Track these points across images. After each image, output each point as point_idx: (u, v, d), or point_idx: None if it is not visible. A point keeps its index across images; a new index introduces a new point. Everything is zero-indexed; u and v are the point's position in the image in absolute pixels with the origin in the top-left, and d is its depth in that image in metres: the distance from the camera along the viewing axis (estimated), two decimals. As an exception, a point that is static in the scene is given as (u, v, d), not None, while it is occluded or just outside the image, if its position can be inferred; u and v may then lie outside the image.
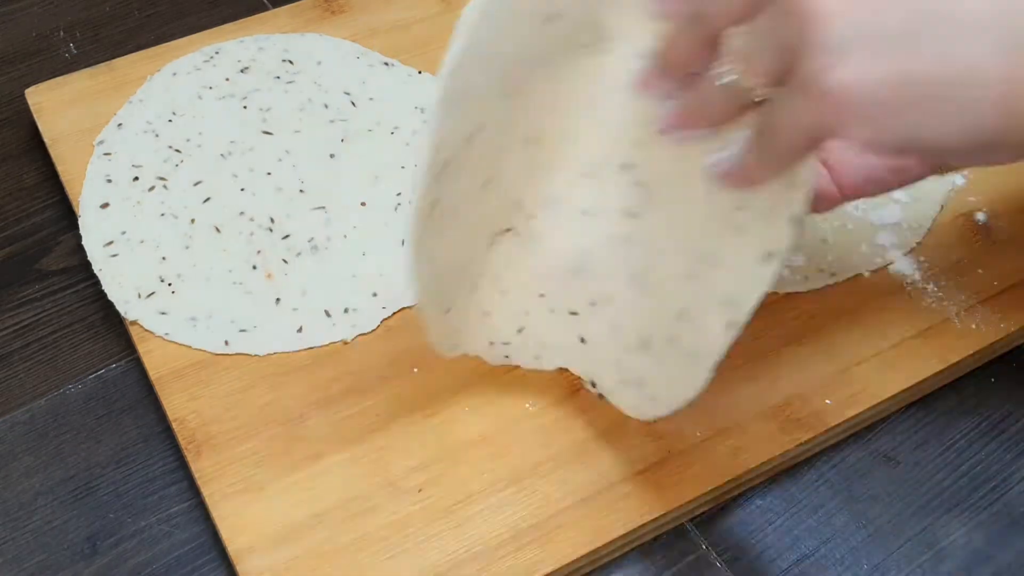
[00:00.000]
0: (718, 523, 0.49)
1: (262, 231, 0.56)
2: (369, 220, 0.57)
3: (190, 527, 0.48)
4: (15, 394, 0.52)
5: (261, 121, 0.61)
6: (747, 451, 0.49)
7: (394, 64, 0.64)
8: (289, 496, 0.47)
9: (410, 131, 0.61)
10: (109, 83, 0.63)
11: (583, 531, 0.46)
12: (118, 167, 0.58)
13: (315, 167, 0.59)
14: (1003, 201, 0.59)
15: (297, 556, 0.45)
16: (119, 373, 0.53)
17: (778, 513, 0.49)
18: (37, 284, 0.57)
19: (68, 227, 0.59)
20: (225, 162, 0.59)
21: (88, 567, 0.47)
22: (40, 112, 0.61)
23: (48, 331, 0.55)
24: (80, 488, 0.49)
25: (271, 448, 0.48)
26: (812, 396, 0.50)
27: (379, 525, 0.46)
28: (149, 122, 0.61)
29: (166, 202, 0.57)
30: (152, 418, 0.51)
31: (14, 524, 0.48)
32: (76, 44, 0.68)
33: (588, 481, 0.48)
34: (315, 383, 0.51)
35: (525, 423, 0.49)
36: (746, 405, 0.50)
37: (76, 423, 0.51)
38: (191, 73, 0.63)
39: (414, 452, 0.48)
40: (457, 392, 0.50)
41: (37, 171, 0.62)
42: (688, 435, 0.49)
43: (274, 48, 0.65)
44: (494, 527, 0.46)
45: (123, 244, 0.55)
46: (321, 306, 0.53)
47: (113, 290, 0.53)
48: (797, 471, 0.51)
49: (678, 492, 0.47)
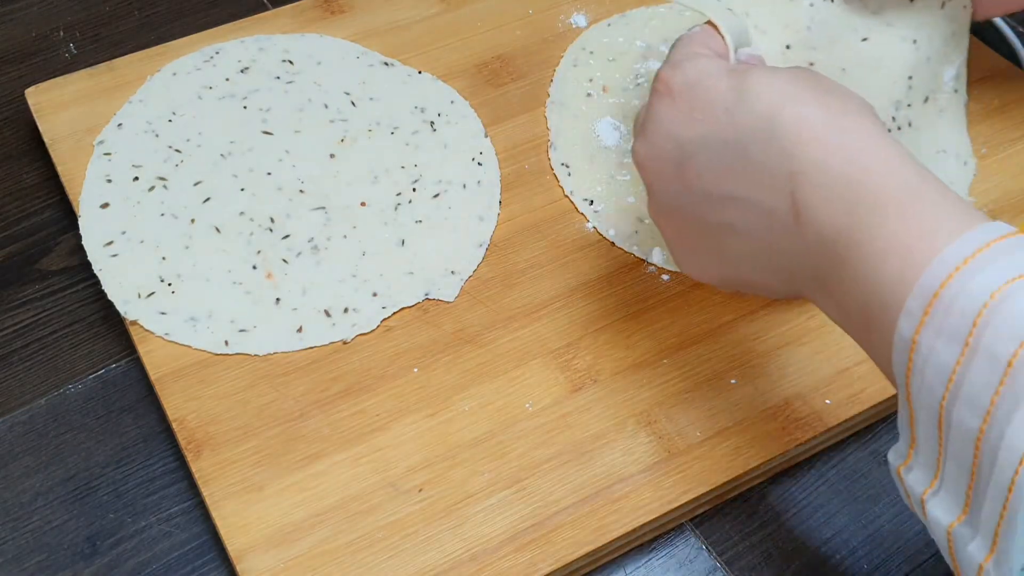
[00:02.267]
0: (718, 523, 0.49)
1: (262, 231, 0.56)
2: (369, 220, 0.57)
3: (190, 527, 0.48)
4: (15, 394, 0.52)
5: (261, 121, 0.61)
6: (747, 451, 0.49)
7: (394, 64, 0.64)
8: (289, 496, 0.47)
9: (410, 131, 0.61)
10: (109, 83, 0.63)
11: (583, 531, 0.46)
12: (118, 167, 0.58)
13: (315, 167, 0.59)
14: (1003, 201, 0.59)
15: (297, 556, 0.45)
16: (119, 373, 0.53)
17: (778, 513, 0.49)
18: (37, 284, 0.57)
19: (68, 227, 0.59)
20: (225, 162, 0.59)
21: (88, 567, 0.47)
22: (40, 112, 0.61)
23: (48, 331, 0.55)
24: (80, 488, 0.49)
25: (271, 448, 0.48)
26: (812, 396, 0.50)
27: (379, 525, 0.46)
28: (149, 122, 0.61)
29: (166, 202, 0.57)
30: (152, 418, 0.51)
31: (14, 524, 0.48)
32: (76, 44, 0.68)
33: (588, 481, 0.48)
34: (315, 383, 0.51)
35: (525, 423, 0.49)
36: (746, 405, 0.50)
37: (76, 423, 0.51)
38: (191, 73, 0.63)
39: (414, 452, 0.48)
40: (457, 392, 0.50)
41: (37, 171, 0.62)
42: (688, 435, 0.49)
43: (274, 48, 0.65)
44: (494, 527, 0.46)
45: (123, 244, 0.55)
46: (321, 306, 0.53)
47: (113, 290, 0.53)
48: (797, 471, 0.51)
49: (678, 492, 0.47)
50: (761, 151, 0.39)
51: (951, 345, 0.33)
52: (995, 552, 0.33)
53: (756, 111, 0.39)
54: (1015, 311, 0.32)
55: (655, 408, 0.50)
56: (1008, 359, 0.32)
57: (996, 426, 0.32)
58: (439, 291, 0.54)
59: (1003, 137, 0.62)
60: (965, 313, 0.33)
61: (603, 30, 0.66)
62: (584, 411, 0.50)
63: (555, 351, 0.52)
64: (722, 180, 0.41)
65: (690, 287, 0.55)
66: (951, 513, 0.35)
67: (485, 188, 0.59)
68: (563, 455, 0.48)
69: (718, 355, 0.52)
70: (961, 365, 0.33)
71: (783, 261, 0.40)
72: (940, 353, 0.33)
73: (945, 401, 0.33)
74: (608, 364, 0.52)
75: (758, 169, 0.39)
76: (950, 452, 0.34)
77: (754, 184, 0.40)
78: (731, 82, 0.41)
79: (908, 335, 0.34)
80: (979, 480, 0.33)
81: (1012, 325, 0.32)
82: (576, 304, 0.54)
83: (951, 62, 0.55)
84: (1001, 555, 0.32)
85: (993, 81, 0.64)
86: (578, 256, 0.55)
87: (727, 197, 0.41)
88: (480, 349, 0.52)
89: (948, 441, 0.34)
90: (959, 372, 0.33)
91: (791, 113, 0.39)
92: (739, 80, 0.41)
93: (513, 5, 0.68)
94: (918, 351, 0.34)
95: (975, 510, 0.34)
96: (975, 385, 0.33)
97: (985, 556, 0.33)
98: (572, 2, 0.68)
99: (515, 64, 0.65)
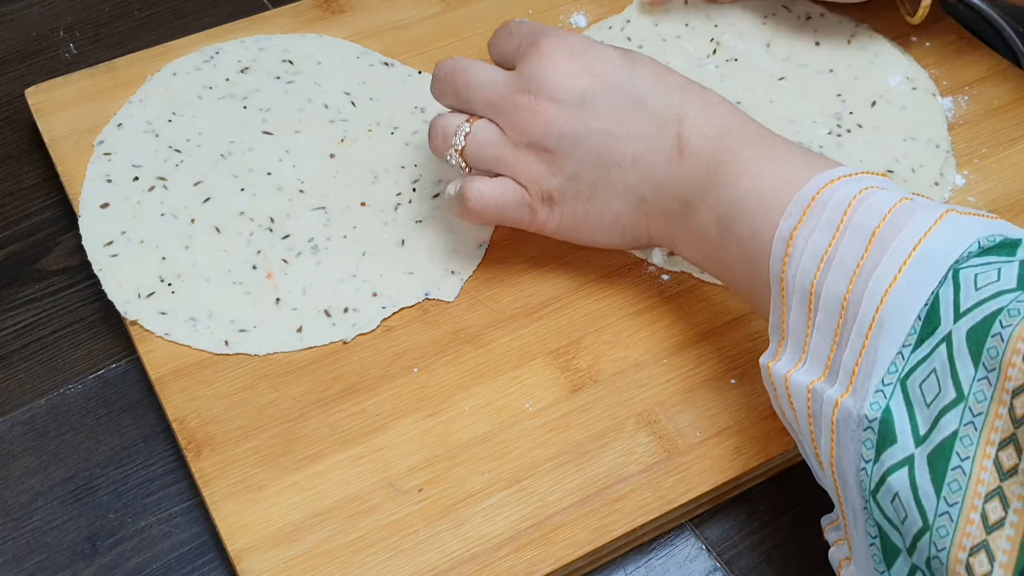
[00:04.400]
0: (718, 523, 0.49)
1: (262, 231, 0.56)
2: (369, 220, 0.57)
3: (190, 527, 0.48)
4: (15, 394, 0.52)
5: (261, 121, 0.61)
6: (747, 451, 0.49)
7: (394, 64, 0.64)
8: (289, 496, 0.47)
9: (410, 131, 0.61)
10: (109, 83, 0.63)
11: (583, 531, 0.46)
12: (118, 167, 0.58)
13: (315, 167, 0.59)
14: (1003, 201, 0.59)
15: (297, 556, 0.45)
16: (119, 373, 0.53)
17: (778, 513, 0.49)
18: (37, 284, 0.57)
19: (68, 227, 0.59)
20: (225, 162, 0.59)
21: (88, 567, 0.47)
22: (40, 112, 0.61)
23: (48, 331, 0.55)
24: (80, 488, 0.49)
25: (271, 448, 0.48)
26: (812, 396, 0.50)
27: (379, 525, 0.46)
28: (149, 122, 0.61)
29: (166, 202, 0.57)
30: (152, 418, 0.51)
31: (14, 524, 0.48)
32: (76, 44, 0.68)
33: (588, 481, 0.48)
34: (315, 383, 0.51)
35: (525, 423, 0.49)
36: (746, 405, 0.50)
37: (76, 423, 0.51)
38: (191, 73, 0.63)
39: (414, 452, 0.48)
40: (457, 392, 0.50)
41: (37, 171, 0.62)
42: (688, 435, 0.49)
43: (274, 48, 0.65)
44: (494, 527, 0.46)
45: (123, 244, 0.55)
46: (321, 306, 0.53)
47: (113, 290, 0.53)
48: (797, 471, 0.51)
49: (678, 492, 0.47)
50: (655, 99, 0.49)
51: (824, 233, 0.41)
52: (852, 386, 0.39)
53: (649, 71, 0.50)
54: (877, 201, 0.41)
55: (655, 408, 0.50)
56: (872, 230, 0.40)
57: (860, 280, 0.40)
58: (439, 291, 0.54)
59: (1003, 137, 0.62)
60: (839, 207, 0.42)
61: (603, 31, 0.66)
62: (584, 411, 0.50)
63: (555, 351, 0.52)
64: (621, 121, 0.49)
65: (690, 287, 0.55)
66: (812, 376, 0.41)
67: (485, 188, 0.58)
68: (563, 455, 0.48)
69: (718, 355, 0.52)
70: (832, 246, 0.41)
71: (655, 192, 0.49)
72: (815, 241, 0.41)
73: (816, 279, 0.41)
74: (608, 364, 0.52)
75: (651, 112, 0.49)
76: (817, 323, 0.41)
77: (647, 124, 0.49)
78: (619, 51, 0.51)
79: (787, 232, 0.42)
80: (841, 338, 0.40)
81: (876, 207, 0.41)
82: (576, 304, 0.54)
83: (892, 72, 0.64)
84: (857, 386, 0.39)
85: (993, 81, 0.64)
86: (578, 256, 0.55)
87: (623, 136, 0.49)
88: (480, 349, 0.52)
89: (816, 314, 0.41)
90: (831, 251, 0.41)
91: (675, 76, 0.50)
92: (625, 50, 0.51)
93: (513, 5, 0.68)
94: (795, 244, 0.42)
95: (835, 365, 0.40)
96: (844, 256, 0.40)
97: (841, 393, 0.39)
98: (572, 2, 0.68)
99: (515, 64, 0.65)
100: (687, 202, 0.48)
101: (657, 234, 0.51)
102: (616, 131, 0.49)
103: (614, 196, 0.50)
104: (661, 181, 0.49)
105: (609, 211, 0.51)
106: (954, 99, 0.63)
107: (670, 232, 0.50)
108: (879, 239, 0.40)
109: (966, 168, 0.60)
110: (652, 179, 0.49)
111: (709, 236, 0.47)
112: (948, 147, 0.60)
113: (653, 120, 0.49)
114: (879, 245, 0.40)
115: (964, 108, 0.63)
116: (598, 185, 0.50)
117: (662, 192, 0.49)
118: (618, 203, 0.50)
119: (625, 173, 0.49)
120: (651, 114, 0.49)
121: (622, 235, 0.52)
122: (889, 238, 0.40)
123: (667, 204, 0.49)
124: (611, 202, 0.50)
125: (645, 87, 0.49)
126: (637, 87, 0.49)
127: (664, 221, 0.50)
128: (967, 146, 0.61)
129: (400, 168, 0.59)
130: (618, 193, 0.50)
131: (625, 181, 0.50)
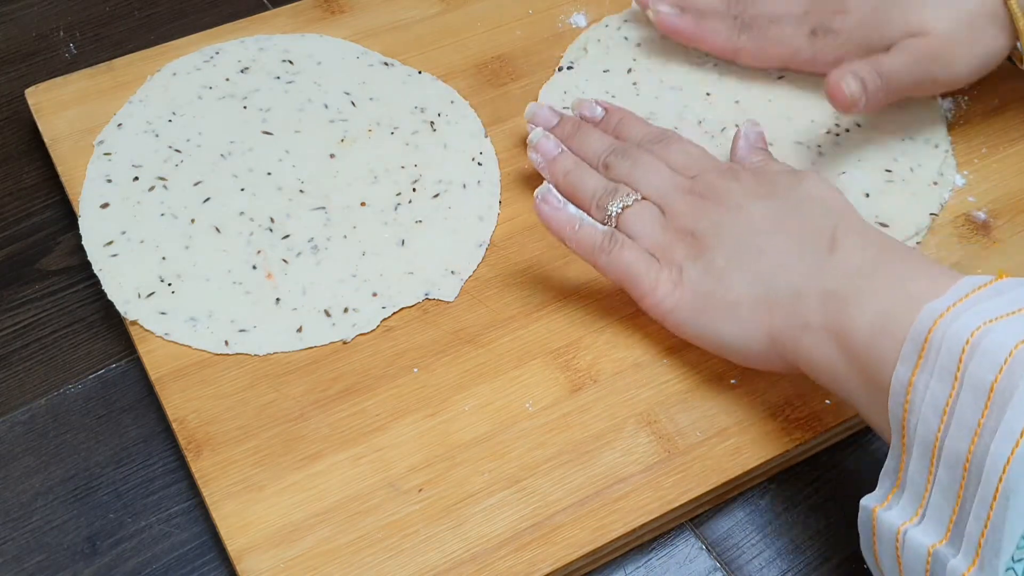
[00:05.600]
0: (718, 523, 0.49)
1: (262, 231, 0.56)
2: (369, 220, 0.57)
3: (190, 527, 0.48)
4: (15, 394, 0.52)
5: (261, 121, 0.61)
6: (747, 451, 0.49)
7: (394, 64, 0.64)
8: (289, 496, 0.47)
9: (410, 131, 0.61)
10: (109, 83, 0.63)
11: (583, 531, 0.46)
12: (118, 167, 0.58)
13: (315, 167, 0.59)
14: (1003, 201, 0.59)
15: (297, 556, 0.45)
16: (119, 373, 0.53)
17: (778, 513, 0.49)
18: (37, 284, 0.57)
19: (68, 227, 0.59)
20: (225, 162, 0.59)
21: (88, 567, 0.47)
22: (40, 112, 0.61)
23: (48, 331, 0.55)
24: (80, 488, 0.49)
25: (271, 448, 0.48)
26: (812, 396, 0.50)
27: (379, 525, 0.46)
28: (149, 122, 0.61)
29: (166, 202, 0.57)
30: (152, 418, 0.52)
31: (14, 524, 0.48)
32: (76, 44, 0.68)
33: (588, 481, 0.48)
34: (315, 383, 0.51)
35: (525, 423, 0.49)
36: (746, 405, 0.50)
37: (76, 423, 0.51)
38: (191, 73, 0.63)
39: (414, 452, 0.48)
40: (457, 392, 0.50)
41: (37, 171, 0.62)
42: (688, 435, 0.49)
43: (274, 48, 0.65)
44: (494, 527, 0.46)
45: (123, 244, 0.55)
46: (321, 306, 0.53)
47: (113, 290, 0.53)
48: (797, 471, 0.51)
49: (678, 492, 0.47)
50: (814, 213, 0.49)
51: (944, 383, 0.38)
52: (978, 560, 0.36)
53: (813, 193, 0.50)
54: (990, 346, 0.37)
55: (655, 408, 0.50)
56: (990, 384, 0.37)
57: (982, 443, 0.37)
58: (439, 291, 0.54)
59: (1003, 137, 0.62)
60: (953, 354, 0.38)
61: (601, 29, 0.66)
62: (584, 411, 0.50)
63: (555, 351, 0.52)
64: (775, 222, 0.49)
65: (690, 287, 0.55)
66: (932, 537, 0.38)
67: (485, 188, 0.59)
68: (563, 455, 0.48)
69: (718, 355, 0.52)
70: (952, 398, 0.38)
71: (798, 281, 0.47)
72: (934, 391, 0.38)
73: (940, 432, 0.38)
74: (608, 364, 0.52)
75: (807, 219, 0.49)
76: (938, 480, 0.38)
77: (801, 226, 0.49)
78: (787, 170, 0.52)
79: (905, 378, 0.40)
80: (964, 500, 0.37)
81: (990, 357, 0.37)
82: (576, 304, 0.54)
83: None
84: (984, 561, 0.36)
85: (993, 81, 0.64)
86: (578, 257, 0.55)
87: (774, 232, 0.49)
88: (480, 349, 0.52)
89: (938, 469, 0.38)
90: (951, 403, 0.38)
91: (840, 199, 0.50)
92: (793, 172, 0.52)
93: (513, 5, 0.68)
94: (915, 391, 0.39)
95: (957, 529, 0.37)
96: (964, 412, 0.37)
97: (968, 567, 0.36)
98: (572, 2, 0.68)
99: (515, 64, 0.65)
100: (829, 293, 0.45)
101: (776, 326, 0.47)
102: (769, 229, 0.49)
103: (742, 278, 0.49)
104: (803, 271, 0.47)
105: (732, 293, 0.49)
106: (954, 99, 0.63)
107: (791, 325, 0.47)
108: (997, 395, 0.37)
109: (966, 168, 0.60)
110: (791, 267, 0.48)
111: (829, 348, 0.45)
112: (947, 147, 0.61)
113: (811, 222, 0.48)
114: (998, 402, 0.36)
115: (964, 108, 0.63)
116: (731, 266, 0.49)
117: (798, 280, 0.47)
118: (744, 286, 0.48)
119: (765, 258, 0.48)
120: (809, 217, 0.49)
121: (740, 325, 0.49)
122: (1008, 394, 0.36)
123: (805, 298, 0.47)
124: (738, 284, 0.49)
125: (804, 203, 0.49)
126: (799, 202, 0.50)
127: (785, 312, 0.47)
128: (967, 146, 0.61)
129: (400, 168, 0.59)
130: (746, 277, 0.49)
131: (760, 267, 0.48)
